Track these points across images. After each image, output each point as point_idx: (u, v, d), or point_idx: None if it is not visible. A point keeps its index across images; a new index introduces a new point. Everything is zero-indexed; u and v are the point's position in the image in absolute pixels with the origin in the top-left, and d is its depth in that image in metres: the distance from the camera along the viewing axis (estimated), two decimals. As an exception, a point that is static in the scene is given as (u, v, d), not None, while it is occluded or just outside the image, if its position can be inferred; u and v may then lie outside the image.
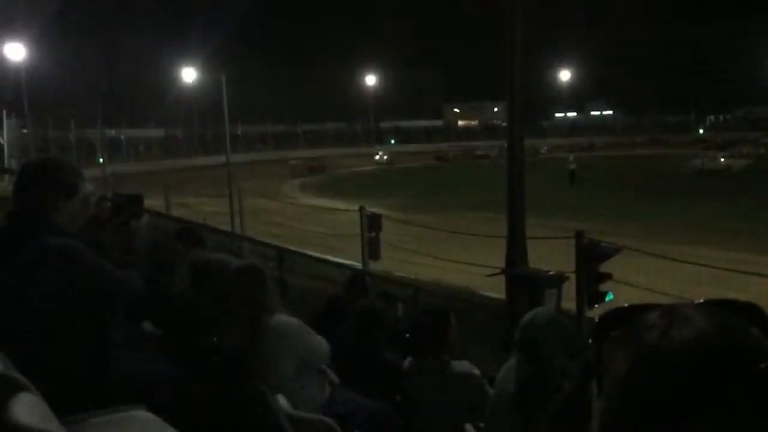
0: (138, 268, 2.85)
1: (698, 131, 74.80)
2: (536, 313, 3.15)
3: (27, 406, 1.61)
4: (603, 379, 0.71)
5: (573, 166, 39.38)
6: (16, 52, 45.01)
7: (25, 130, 41.41)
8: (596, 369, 0.73)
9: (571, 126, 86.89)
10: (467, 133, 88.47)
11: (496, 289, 9.81)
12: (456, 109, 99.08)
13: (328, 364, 3.72)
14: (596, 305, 7.86)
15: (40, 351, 2.42)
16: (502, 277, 8.75)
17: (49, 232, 2.56)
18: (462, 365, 3.71)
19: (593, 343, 0.75)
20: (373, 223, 11.34)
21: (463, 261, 11.93)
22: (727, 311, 0.71)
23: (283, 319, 3.46)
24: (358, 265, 11.29)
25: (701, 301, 0.73)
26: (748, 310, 0.71)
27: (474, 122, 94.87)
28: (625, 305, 0.76)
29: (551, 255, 10.52)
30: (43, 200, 2.62)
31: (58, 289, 2.51)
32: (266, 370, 3.18)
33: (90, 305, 2.63)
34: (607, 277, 8.06)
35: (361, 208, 11.39)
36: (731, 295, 0.79)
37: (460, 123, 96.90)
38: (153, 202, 16.51)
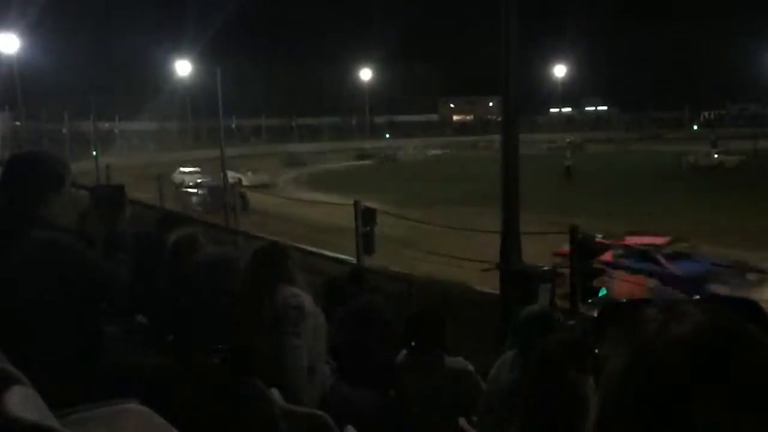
0: (123, 259, 2.82)
1: (693, 127, 75.04)
2: (532, 309, 3.16)
3: (21, 400, 1.61)
4: (601, 373, 0.71)
5: (569, 162, 39.44)
6: (10, 43, 44.73)
7: (18, 123, 41.18)
8: (595, 363, 0.73)
9: (566, 122, 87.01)
10: (463, 127, 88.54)
11: (489, 284, 9.83)
12: (451, 104, 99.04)
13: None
14: (590, 300, 7.90)
15: (32, 345, 2.41)
16: (496, 272, 8.76)
17: (38, 226, 2.54)
18: (456, 362, 3.73)
19: (592, 338, 0.75)
20: (367, 217, 11.30)
21: (457, 256, 11.95)
22: (725, 307, 0.71)
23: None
24: (353, 259, 11.28)
25: (699, 297, 0.74)
26: (746, 306, 0.72)
27: (469, 117, 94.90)
28: (624, 300, 0.76)
29: (545, 250, 10.55)
30: (31, 194, 2.59)
31: (49, 283, 2.50)
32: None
33: (81, 299, 2.62)
34: (601, 272, 8.10)
35: (356, 203, 11.36)
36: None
37: (456, 118, 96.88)
38: (147, 195, 16.49)
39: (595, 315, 0.79)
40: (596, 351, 0.75)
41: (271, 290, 3.37)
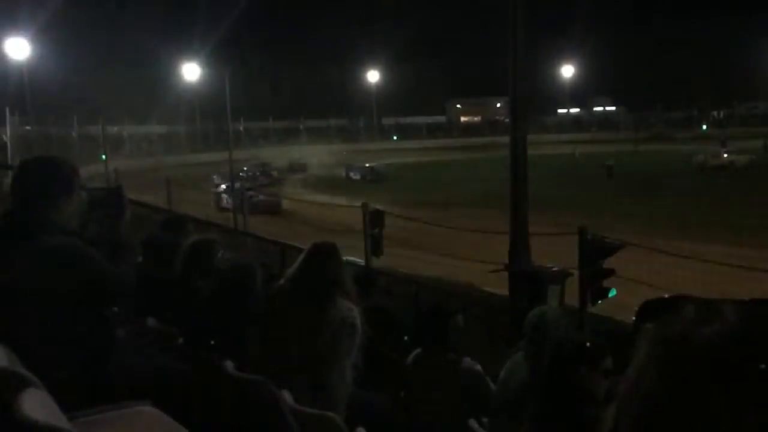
0: (127, 261, 2.83)
1: (702, 127, 74.65)
2: (545, 311, 3.16)
3: (34, 402, 1.62)
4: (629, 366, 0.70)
5: (610, 161, 38.92)
6: (20, 49, 44.99)
7: (28, 127, 41.42)
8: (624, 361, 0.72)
9: (574, 122, 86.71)
10: (470, 129, 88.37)
11: (499, 286, 9.81)
12: (458, 105, 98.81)
13: None
14: (599, 301, 7.86)
15: (44, 348, 2.42)
16: (505, 274, 8.75)
17: (49, 230, 2.55)
18: (466, 363, 3.73)
19: (633, 329, 0.74)
20: (375, 219, 11.30)
21: (466, 257, 11.94)
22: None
23: None
24: (361, 261, 11.28)
25: (747, 299, 0.71)
26: None
27: (477, 118, 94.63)
28: (667, 296, 0.75)
29: (559, 251, 10.47)
30: (42, 199, 2.61)
31: (60, 287, 2.51)
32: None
33: (92, 302, 2.63)
34: (611, 273, 8.05)
35: (364, 205, 11.36)
36: (735, 291, 0.78)
37: (463, 119, 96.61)
38: (156, 197, 16.54)
39: (637, 308, 0.78)
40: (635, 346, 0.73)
41: (329, 300, 3.19)
